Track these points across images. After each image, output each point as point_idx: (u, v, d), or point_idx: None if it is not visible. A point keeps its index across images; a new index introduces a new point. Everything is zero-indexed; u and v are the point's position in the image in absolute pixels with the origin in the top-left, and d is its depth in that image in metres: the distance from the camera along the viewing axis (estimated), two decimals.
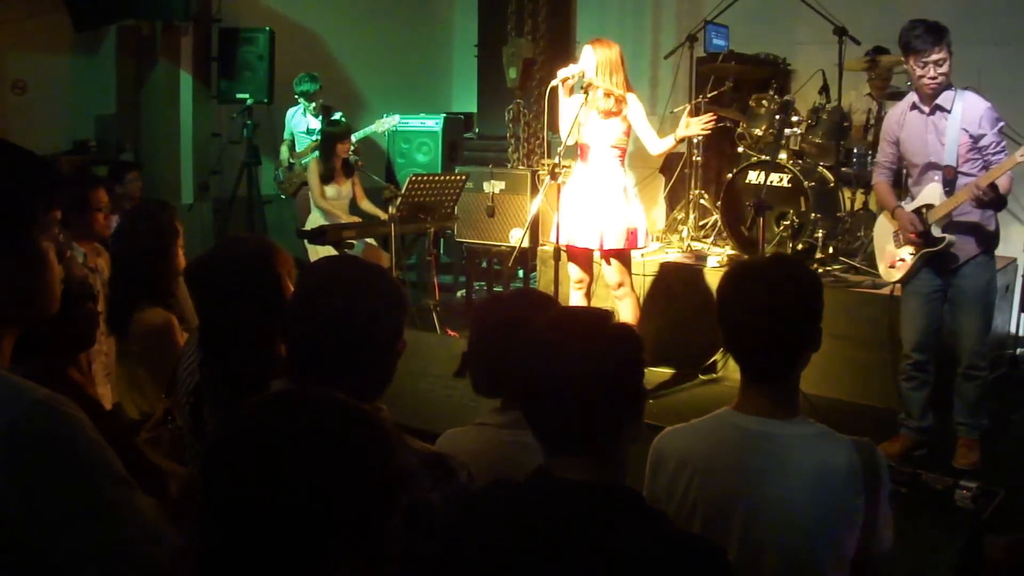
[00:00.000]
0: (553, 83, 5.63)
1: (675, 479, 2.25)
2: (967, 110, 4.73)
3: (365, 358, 2.08)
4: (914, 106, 4.92)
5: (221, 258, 2.67)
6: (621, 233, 5.68)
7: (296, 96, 8.58)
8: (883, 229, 5.23)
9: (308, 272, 2.25)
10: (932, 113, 4.82)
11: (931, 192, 4.88)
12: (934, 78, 4.70)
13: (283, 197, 8.89)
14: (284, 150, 8.72)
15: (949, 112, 4.76)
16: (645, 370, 1.90)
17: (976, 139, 4.73)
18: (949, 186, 4.81)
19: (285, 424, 1.35)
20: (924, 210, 4.90)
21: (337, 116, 8.40)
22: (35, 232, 1.76)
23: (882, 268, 5.31)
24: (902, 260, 5.06)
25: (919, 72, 4.73)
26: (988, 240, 4.92)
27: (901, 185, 5.41)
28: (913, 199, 5.01)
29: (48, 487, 1.61)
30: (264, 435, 1.34)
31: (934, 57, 4.65)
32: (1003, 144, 4.78)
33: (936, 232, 4.87)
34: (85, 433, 1.67)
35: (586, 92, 5.54)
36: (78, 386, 2.59)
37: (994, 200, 4.67)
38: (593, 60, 5.56)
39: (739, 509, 2.16)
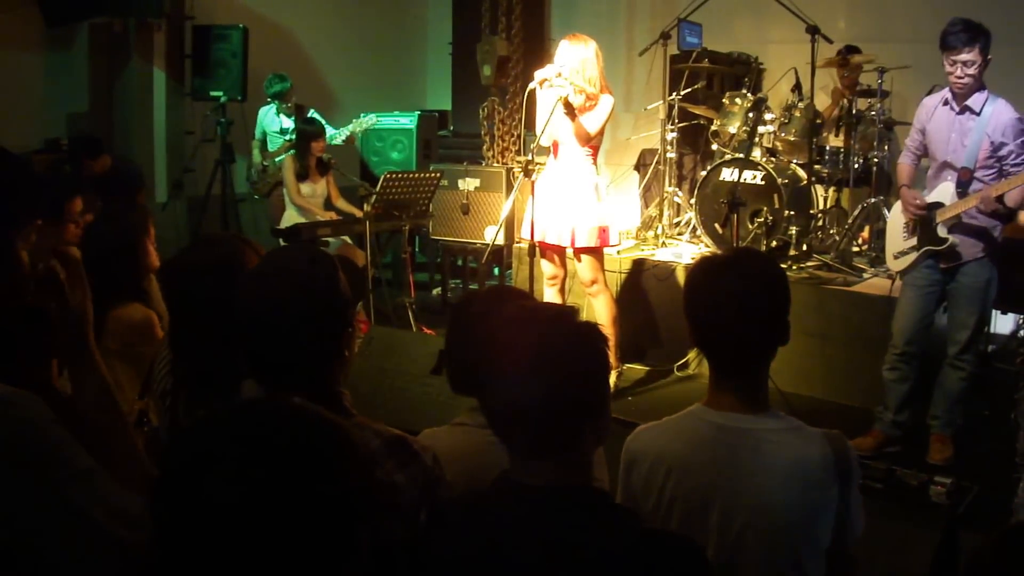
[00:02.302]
0: (531, 86, 5.60)
1: (650, 478, 2.25)
2: (994, 117, 4.76)
3: (304, 350, 2.07)
4: (946, 102, 4.95)
5: (192, 258, 2.65)
6: (592, 231, 5.70)
7: (268, 98, 8.55)
8: (897, 217, 5.25)
9: (257, 265, 2.26)
10: (961, 112, 4.86)
11: (943, 191, 4.93)
12: (960, 78, 4.73)
13: (256, 198, 8.84)
14: (256, 151, 8.66)
15: (978, 115, 4.79)
16: (612, 368, 1.89)
17: (997, 147, 4.77)
18: (962, 188, 4.85)
19: (249, 440, 1.30)
20: (933, 208, 4.94)
21: (311, 115, 8.39)
22: (15, 240, 1.77)
23: (888, 256, 5.35)
24: (906, 252, 5.11)
25: (948, 69, 4.77)
26: (991, 243, 4.95)
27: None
28: (928, 192, 5.06)
29: (7, 480, 1.65)
30: (228, 452, 1.28)
31: (964, 57, 4.68)
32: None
33: (941, 232, 4.91)
34: (47, 427, 1.71)
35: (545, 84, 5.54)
36: (49, 384, 2.58)
37: (998, 212, 4.72)
38: (568, 57, 5.56)
39: (715, 505, 2.17)
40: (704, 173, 7.28)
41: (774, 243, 6.84)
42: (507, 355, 1.78)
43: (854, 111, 7.15)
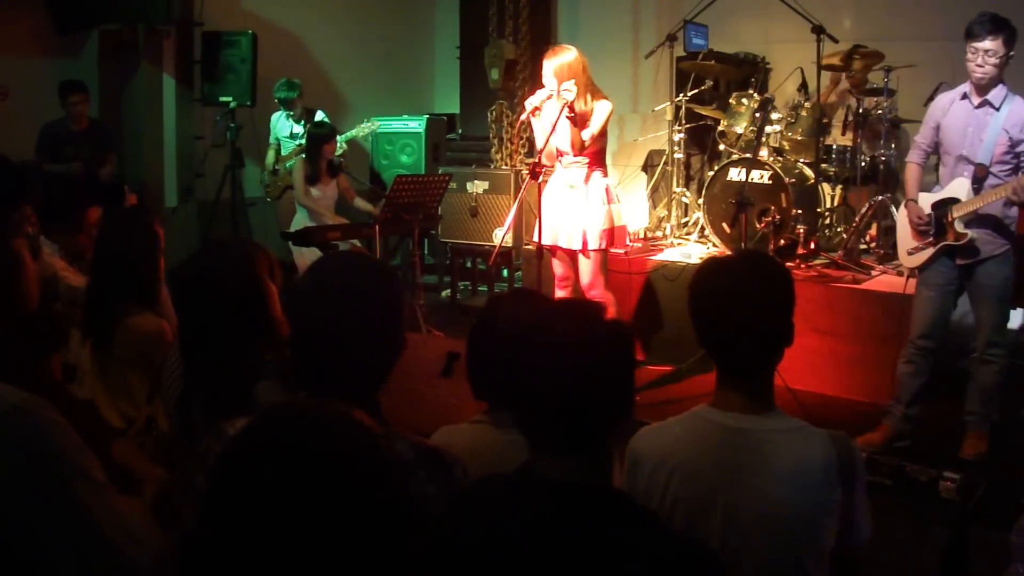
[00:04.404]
0: (523, 117, 5.67)
1: (653, 479, 2.25)
2: (1013, 112, 4.74)
3: (362, 358, 2.07)
4: (964, 96, 4.92)
5: (203, 264, 2.67)
6: (601, 234, 5.71)
7: (276, 102, 8.59)
8: (905, 216, 5.22)
9: (312, 270, 2.23)
10: (980, 107, 4.83)
11: (959, 186, 4.89)
12: (981, 66, 4.70)
13: (268, 200, 8.88)
14: (271, 155, 8.70)
15: (996, 110, 4.77)
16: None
17: (1015, 143, 4.74)
18: (978, 183, 4.82)
19: (300, 446, 1.33)
20: (948, 203, 4.91)
21: (320, 117, 8.41)
22: (6, 232, 1.77)
23: (901, 253, 5.29)
24: (921, 249, 5.08)
25: (969, 57, 4.74)
26: (1009, 237, 4.92)
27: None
28: (941, 187, 5.04)
29: (23, 489, 1.63)
30: (279, 461, 1.32)
31: (985, 45, 4.65)
32: None
33: (959, 227, 4.88)
34: (63, 436, 1.69)
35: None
36: (58, 387, 2.60)
37: None
38: (552, 76, 5.57)
39: (719, 506, 2.17)
40: (711, 173, 7.30)
41: (782, 242, 6.85)
42: (541, 351, 1.79)
43: (860, 109, 7.15)
